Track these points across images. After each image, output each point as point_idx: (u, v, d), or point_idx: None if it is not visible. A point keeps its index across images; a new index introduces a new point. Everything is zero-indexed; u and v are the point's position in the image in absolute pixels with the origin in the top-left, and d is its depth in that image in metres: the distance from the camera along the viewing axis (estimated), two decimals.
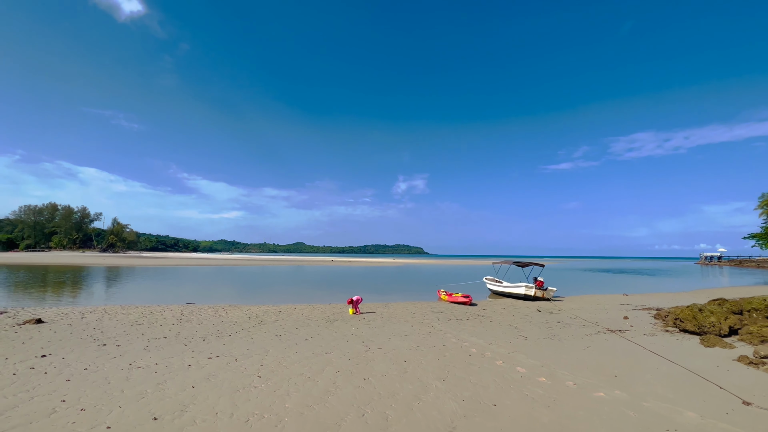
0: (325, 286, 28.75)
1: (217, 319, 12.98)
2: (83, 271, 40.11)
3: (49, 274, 34.61)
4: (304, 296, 21.75)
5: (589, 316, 14.48)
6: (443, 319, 13.62)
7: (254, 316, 13.73)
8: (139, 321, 12.19)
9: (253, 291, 24.49)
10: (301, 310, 15.68)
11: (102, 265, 53.32)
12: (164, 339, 9.48)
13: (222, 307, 16.13)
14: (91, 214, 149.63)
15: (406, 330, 11.22)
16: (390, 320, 13.16)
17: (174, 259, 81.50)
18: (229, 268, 53.56)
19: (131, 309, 14.98)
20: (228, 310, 15.01)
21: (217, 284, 28.88)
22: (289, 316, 13.73)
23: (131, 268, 47.54)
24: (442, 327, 11.83)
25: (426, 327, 11.82)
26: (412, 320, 13.19)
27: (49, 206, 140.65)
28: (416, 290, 26.60)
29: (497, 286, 23.53)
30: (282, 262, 79.59)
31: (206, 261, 77.17)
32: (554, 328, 11.70)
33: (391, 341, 9.58)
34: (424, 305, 18.06)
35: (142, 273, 38.91)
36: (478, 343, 9.42)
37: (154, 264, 58.39)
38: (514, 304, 18.90)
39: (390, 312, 15.34)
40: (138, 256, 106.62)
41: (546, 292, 20.32)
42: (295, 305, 17.39)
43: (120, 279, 31.60)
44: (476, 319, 13.73)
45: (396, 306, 17.64)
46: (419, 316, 14.40)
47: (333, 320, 13.04)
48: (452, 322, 12.79)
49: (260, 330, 10.90)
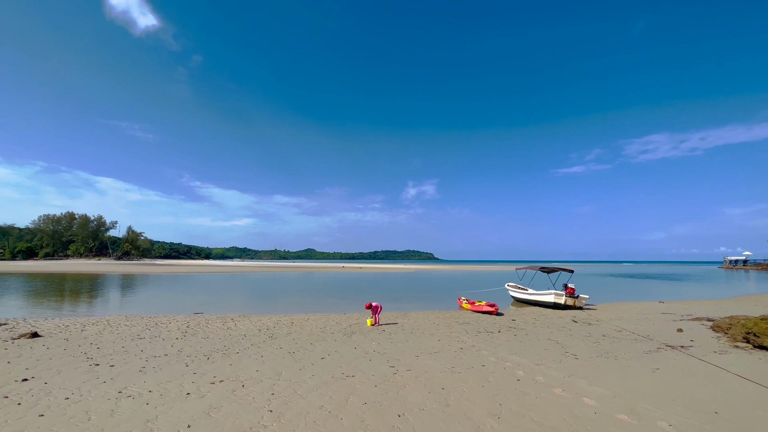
0: (338, 294, 27.61)
1: (225, 332, 11.92)
2: (96, 279, 39.87)
3: (63, 282, 34.35)
4: (317, 305, 20.63)
5: (636, 327, 12.96)
6: (472, 331, 12.30)
7: (264, 328, 12.63)
8: (140, 334, 11.20)
9: (263, 299, 23.51)
10: (315, 321, 14.54)
11: (116, 272, 53.28)
12: (164, 357, 8.43)
13: (231, 317, 15.10)
14: (106, 223, 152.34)
15: (434, 345, 9.95)
16: (413, 333, 11.90)
17: (186, 267, 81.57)
18: (240, 275, 52.92)
19: (136, 320, 14.07)
20: (237, 322, 13.96)
21: (227, 292, 28.03)
22: (302, 329, 12.60)
23: (144, 275, 47.26)
24: (474, 341, 10.52)
25: (455, 341, 10.52)
26: (437, 333, 11.90)
27: (66, 215, 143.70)
28: (433, 298, 25.24)
29: (521, 293, 22.02)
30: (293, 269, 78.83)
31: (217, 268, 76.98)
32: (602, 343, 10.27)
33: (421, 360, 8.33)
34: (446, 315, 16.73)
35: (153, 281, 38.43)
36: (521, 362, 8.10)
37: (167, 272, 58.20)
38: (544, 313, 17.41)
39: (411, 323, 14.07)
40: (151, 263, 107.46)
41: (577, 300, 18.75)
42: (308, 315, 16.27)
43: (131, 287, 31.06)
44: (509, 331, 12.36)
45: (416, 316, 16.36)
46: (444, 327, 13.10)
47: (350, 333, 11.84)
48: (483, 336, 11.46)
49: (271, 346, 9.77)
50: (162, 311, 17.21)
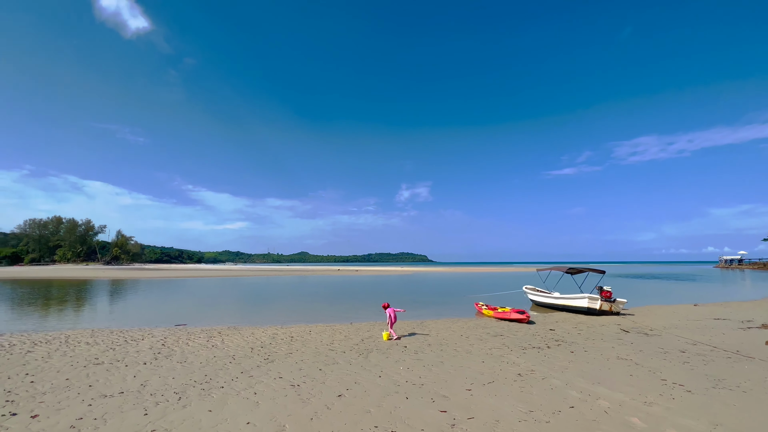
0: (338, 300, 25.20)
1: (209, 351, 9.51)
2: (79, 285, 36.89)
3: (42, 289, 31.39)
4: (318, 313, 18.23)
5: (709, 339, 10.82)
6: (514, 346, 10.05)
7: (258, 345, 10.24)
8: (99, 358, 8.75)
9: (257, 307, 21.01)
10: (319, 334, 12.18)
11: (102, 278, 50.15)
12: (118, 398, 6.03)
13: (218, 330, 12.67)
14: (95, 227, 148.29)
15: (481, 370, 7.66)
16: (444, 350, 9.61)
17: (177, 271, 78.32)
18: (232, 279, 50.14)
19: (102, 336, 11.58)
20: (225, 336, 11.54)
21: (217, 299, 25.45)
22: (305, 346, 10.24)
23: (131, 281, 44.30)
24: (528, 362, 8.26)
25: (504, 362, 8.25)
26: (474, 350, 9.63)
27: (53, 219, 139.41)
28: (442, 303, 22.95)
29: (544, 297, 19.84)
30: (287, 273, 76.03)
31: (209, 273, 73.93)
32: (694, 364, 8.07)
33: (478, 397, 6.03)
34: (469, 324, 14.49)
35: (140, 286, 35.60)
36: (618, 399, 5.85)
37: (156, 276, 55.16)
38: (581, 321, 15.24)
39: (434, 335, 11.78)
40: (141, 268, 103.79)
41: (614, 305, 16.61)
42: (309, 326, 13.90)
43: (114, 294, 28.28)
44: (559, 346, 10.13)
45: (434, 325, 14.10)
46: (476, 341, 10.84)
47: (366, 351, 9.51)
48: (532, 353, 9.22)
49: (267, 374, 7.41)
50: (139, 323, 14.71)
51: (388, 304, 12.70)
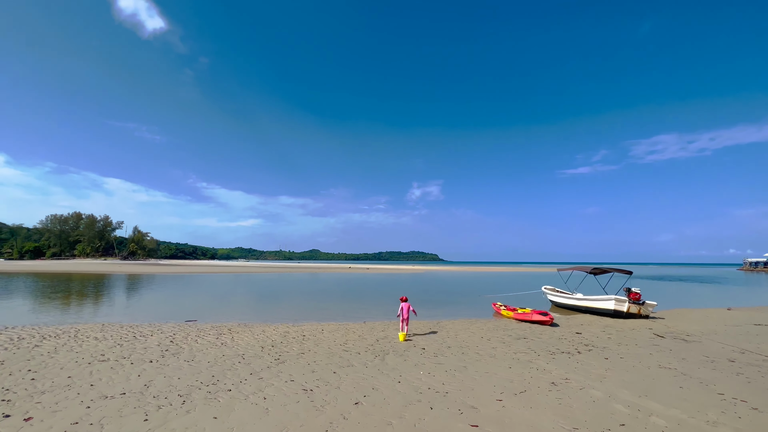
0: (350, 298, 24.74)
1: (218, 350, 9.10)
2: (97, 279, 37.46)
3: (61, 282, 31.92)
4: (330, 310, 17.77)
5: (755, 346, 9.87)
6: (540, 350, 9.34)
7: (269, 344, 9.78)
8: (105, 354, 8.42)
9: (268, 303, 20.71)
10: (331, 333, 11.68)
11: (119, 272, 51.03)
12: (119, 399, 5.61)
13: (228, 327, 12.30)
14: (113, 223, 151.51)
15: (510, 377, 7.01)
16: (465, 353, 8.97)
17: (190, 267, 79.38)
18: (245, 275, 50.33)
19: (112, 331, 11.33)
20: (235, 334, 11.15)
21: (228, 295, 25.30)
22: (317, 345, 9.74)
23: (147, 276, 44.85)
24: (559, 369, 7.56)
25: (533, 369, 7.57)
26: (498, 353, 8.96)
27: (73, 215, 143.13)
28: (458, 302, 22.24)
29: (565, 298, 18.95)
30: (298, 270, 76.20)
31: (222, 269, 74.65)
32: (751, 375, 7.21)
33: (511, 409, 5.39)
34: (488, 325, 13.79)
35: (154, 281, 35.91)
36: (678, 417, 5.12)
37: (170, 272, 55.85)
38: (609, 324, 14.36)
39: (453, 336, 11.15)
40: (156, 263, 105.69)
41: (643, 308, 15.64)
42: (321, 324, 13.43)
43: (129, 288, 28.49)
44: (590, 352, 9.36)
45: (451, 326, 13.46)
46: (499, 343, 10.16)
47: (383, 353, 8.95)
48: (563, 359, 8.50)
49: (278, 376, 6.91)
50: (150, 318, 14.50)
51: (407, 298, 12.34)
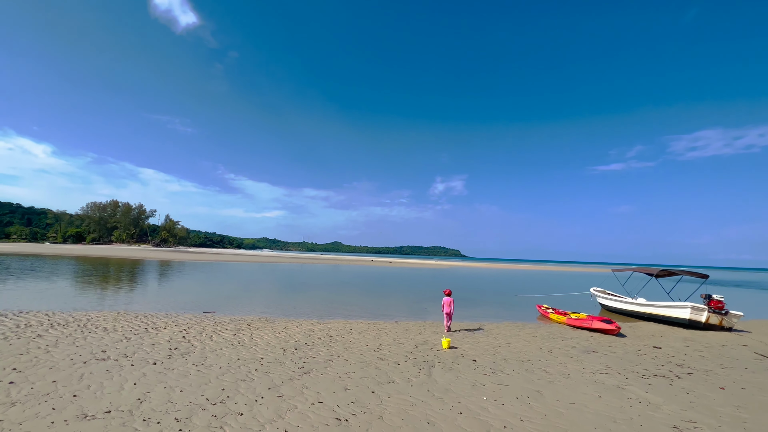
0: (376, 292, 23.30)
1: (233, 350, 7.83)
2: (129, 264, 38.12)
3: (95, 266, 32.48)
4: (356, 306, 16.38)
5: None
6: (624, 371, 7.47)
7: (292, 346, 8.44)
8: (107, 351, 7.32)
9: (292, 295, 19.58)
10: (361, 333, 10.24)
11: (150, 258, 52.20)
12: (98, 421, 4.32)
13: (248, 322, 11.12)
14: (146, 211, 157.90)
15: (605, 410, 5.25)
16: (529, 369, 7.24)
17: (217, 255, 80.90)
18: (269, 265, 50.19)
19: (126, 320, 10.40)
20: (254, 330, 9.92)
21: (252, 284, 24.50)
22: (347, 350, 8.30)
23: (176, 262, 45.47)
24: (669, 403, 5.70)
25: (633, 401, 5.74)
26: (568, 371, 7.17)
27: (111, 203, 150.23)
28: (495, 302, 20.28)
29: (623, 303, 16.64)
30: (321, 261, 75.90)
31: (248, 258, 75.51)
32: None
33: None
34: (540, 330, 11.95)
35: (183, 268, 36.02)
36: None
37: (198, 259, 56.69)
38: (687, 336, 12.13)
39: (503, 345, 9.42)
40: (185, 251, 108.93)
41: (726, 319, 13.23)
42: (349, 322, 12.03)
43: (157, 274, 28.41)
44: (691, 376, 7.39)
45: (497, 330, 11.74)
46: (564, 357, 8.34)
47: (427, 365, 7.37)
48: (662, 385, 6.62)
49: (302, 394, 5.48)
50: (169, 307, 13.61)
51: (451, 291, 11.57)
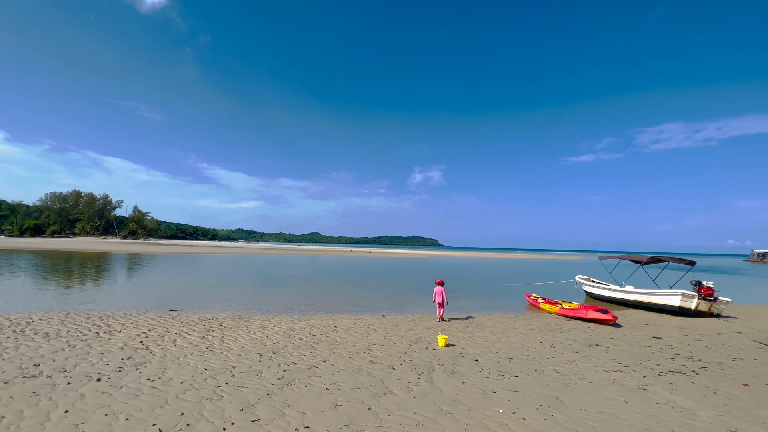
0: (358, 283, 22.35)
1: (200, 357, 6.69)
2: (93, 258, 35.28)
3: (54, 260, 29.69)
4: (339, 299, 15.38)
5: None
6: (636, 366, 6.90)
7: (269, 349, 7.37)
8: (41, 365, 5.99)
9: (269, 289, 18.30)
10: (347, 330, 9.29)
11: (117, 251, 48.92)
12: None
13: (220, 321, 9.92)
14: (112, 202, 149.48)
15: (639, 420, 4.54)
16: (538, 369, 6.52)
17: (190, 247, 77.40)
18: (245, 257, 48.20)
19: (74, 322, 8.95)
20: (226, 331, 8.76)
21: (226, 277, 22.95)
22: (333, 352, 7.32)
23: (145, 255, 42.71)
24: (704, 408, 5.08)
25: (665, 406, 5.07)
26: (579, 370, 6.51)
27: (73, 193, 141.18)
28: (479, 291, 19.79)
29: (611, 291, 16.47)
30: (299, 252, 74.15)
31: (222, 249, 72.67)
32: None
33: None
34: (535, 322, 11.42)
35: (151, 261, 33.69)
36: None
37: (169, 252, 53.77)
38: (682, 325, 11.93)
39: (502, 339, 8.72)
40: (155, 243, 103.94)
41: (715, 306, 13.18)
42: (333, 318, 11.06)
43: (123, 268, 26.21)
44: (706, 370, 6.92)
45: (490, 322, 11.12)
46: (570, 353, 7.73)
47: (426, 368, 6.51)
48: (682, 383, 6.06)
49: (283, 417, 4.46)
50: (130, 305, 12.11)
51: (443, 282, 11.47)
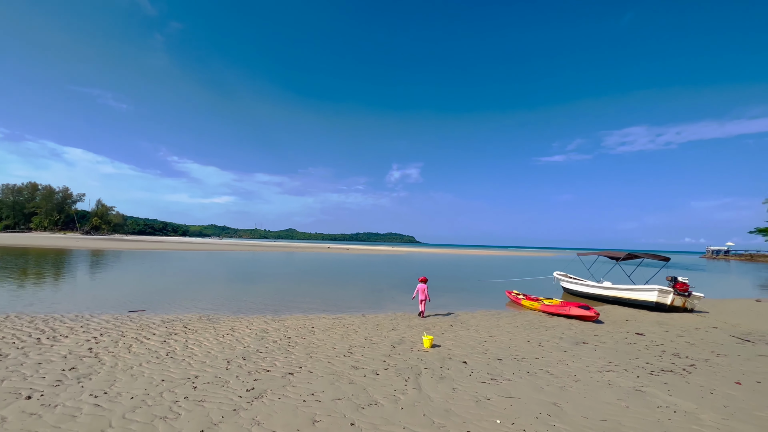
0: (336, 280, 21.65)
1: (157, 366, 5.89)
2: (51, 254, 32.51)
3: (10, 257, 27.06)
4: (316, 297, 14.68)
5: None
6: (628, 365, 6.68)
7: (239, 355, 6.64)
8: None
9: (241, 287, 17.29)
10: (325, 331, 8.66)
11: (78, 247, 45.63)
12: None
13: (184, 323, 9.02)
14: (73, 195, 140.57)
15: (646, 428, 4.25)
16: (531, 371, 6.15)
17: (159, 243, 73.75)
18: (217, 253, 46.24)
19: (15, 326, 7.81)
20: (191, 334, 7.92)
21: (196, 275, 21.63)
22: (311, 357, 6.69)
23: (108, 252, 39.97)
24: (709, 412, 4.83)
25: (669, 412, 4.81)
26: (572, 371, 6.19)
27: (28, 186, 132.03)
28: (459, 288, 19.50)
29: (588, 287, 16.61)
30: (275, 249, 72.24)
31: (193, 246, 69.67)
32: None
33: None
34: (518, 319, 11.20)
35: (115, 258, 31.46)
36: None
37: (136, 248, 50.80)
38: (661, 320, 12.05)
39: (488, 339, 8.37)
40: (120, 239, 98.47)
41: (689, 301, 13.48)
42: (309, 318, 10.38)
43: (81, 265, 24.19)
44: (697, 369, 6.76)
45: (473, 320, 10.81)
46: (559, 352, 7.46)
47: (413, 373, 6.00)
48: (677, 383, 5.85)
49: None
50: (84, 306, 10.91)
51: (426, 279, 11.39)
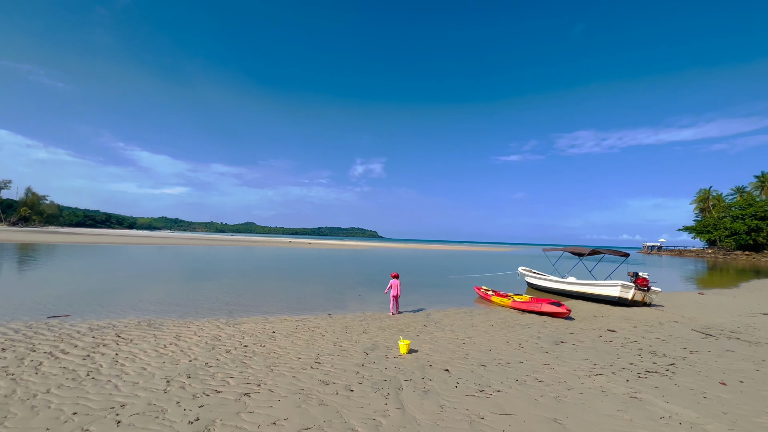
0: (298, 277, 20.38)
1: (72, 391, 4.61)
2: None
3: None
4: (276, 295, 13.51)
5: None
6: (612, 366, 6.40)
7: (182, 370, 5.50)
8: None
9: (192, 285, 15.56)
10: (288, 336, 7.67)
11: (1, 240, 39.85)
12: None
13: (119, 330, 7.60)
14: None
15: None
16: (519, 379, 5.62)
17: (100, 237, 66.98)
18: (169, 248, 42.68)
19: None
20: (125, 344, 6.58)
21: (141, 272, 19.33)
22: (272, 371, 5.70)
23: (38, 245, 35.16)
24: (714, 423, 4.60)
25: (673, 423, 4.49)
26: (561, 377, 5.76)
27: None
28: (425, 284, 18.99)
29: (553, 282, 16.82)
30: (232, 242, 68.59)
31: (141, 239, 64.12)
32: None
33: None
34: (491, 317, 10.89)
35: (48, 253, 27.57)
36: None
37: (73, 241, 45.49)
38: (627, 316, 12.29)
39: (467, 341, 7.85)
40: (55, 231, 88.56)
41: (647, 295, 13.99)
42: (270, 320, 9.31)
43: (1, 261, 20.75)
44: (679, 369, 6.63)
45: (446, 319, 10.36)
46: (541, 354, 7.07)
47: (393, 387, 5.22)
48: (667, 386, 5.60)
49: None
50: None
51: (398, 275, 11.20)
